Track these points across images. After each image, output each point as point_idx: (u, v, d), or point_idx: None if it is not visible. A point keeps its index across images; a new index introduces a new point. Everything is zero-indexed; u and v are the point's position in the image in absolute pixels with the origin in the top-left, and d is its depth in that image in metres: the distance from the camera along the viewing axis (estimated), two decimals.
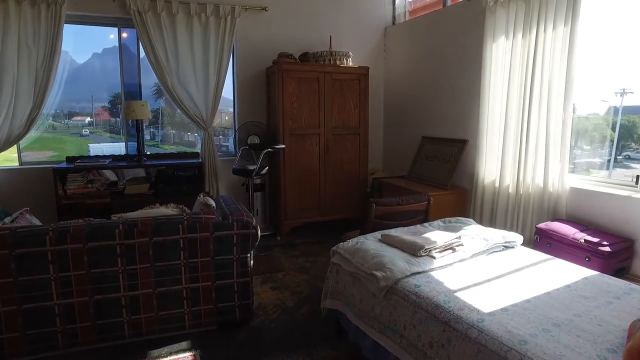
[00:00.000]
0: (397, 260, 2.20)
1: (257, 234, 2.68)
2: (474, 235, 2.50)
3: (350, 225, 4.82)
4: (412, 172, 4.72)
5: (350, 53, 4.85)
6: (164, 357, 2.48)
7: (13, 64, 4.05)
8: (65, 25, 4.19)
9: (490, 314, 1.73)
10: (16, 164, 4.45)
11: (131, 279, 2.52)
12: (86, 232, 2.41)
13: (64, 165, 4.21)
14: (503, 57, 3.62)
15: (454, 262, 2.29)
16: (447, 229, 2.69)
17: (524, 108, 3.46)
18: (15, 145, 4.33)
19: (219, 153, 4.83)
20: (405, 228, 2.72)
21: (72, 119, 4.94)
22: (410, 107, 5.06)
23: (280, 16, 4.95)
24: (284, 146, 4.33)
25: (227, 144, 5.36)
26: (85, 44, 4.59)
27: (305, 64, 4.66)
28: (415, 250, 2.28)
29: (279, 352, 2.53)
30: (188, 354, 2.50)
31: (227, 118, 5.37)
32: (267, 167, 4.35)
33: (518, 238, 2.59)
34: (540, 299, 1.85)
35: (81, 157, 4.38)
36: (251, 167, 3.96)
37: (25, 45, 4.08)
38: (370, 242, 2.50)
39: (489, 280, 2.08)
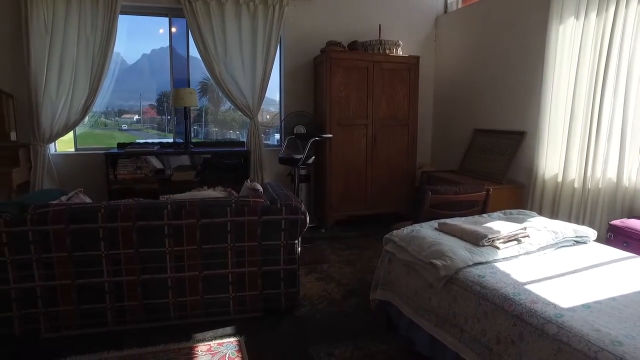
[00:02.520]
0: (458, 249, 2.03)
1: (306, 220, 2.59)
2: (541, 227, 2.29)
3: (397, 220, 4.66)
4: (463, 166, 4.49)
5: (400, 42, 4.69)
6: (208, 340, 2.43)
7: (72, 52, 4.19)
8: (119, 18, 4.28)
9: (570, 309, 1.54)
10: (72, 149, 4.61)
11: (178, 260, 2.50)
12: (136, 211, 2.41)
13: (115, 150, 4.32)
14: (571, 40, 3.34)
15: (519, 254, 2.09)
16: (508, 220, 2.49)
17: (595, 95, 3.17)
18: (72, 132, 4.49)
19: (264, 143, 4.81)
20: (463, 218, 2.54)
21: (122, 116, 5.10)
22: (461, 99, 4.82)
23: (329, 4, 4.86)
24: (331, 135, 4.22)
25: (268, 141, 5.33)
26: (135, 45, 4.73)
27: (354, 52, 4.54)
28: (477, 239, 2.10)
29: (326, 343, 2.42)
30: (232, 339, 2.44)
31: (268, 117, 5.34)
32: (313, 157, 4.26)
33: (591, 233, 2.35)
34: (629, 298, 1.63)
35: (131, 144, 4.48)
36: (298, 157, 3.88)
37: (84, 35, 4.22)
38: (426, 230, 2.34)
39: (562, 275, 1.88)
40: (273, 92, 4.95)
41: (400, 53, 4.67)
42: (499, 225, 2.29)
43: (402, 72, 4.60)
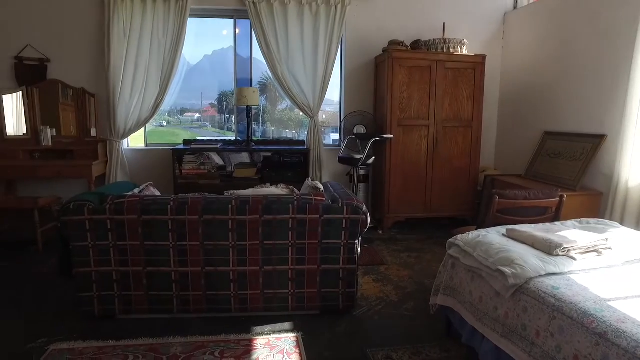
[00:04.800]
0: (529, 258, 1.92)
1: (367, 220, 2.57)
2: (626, 239, 2.10)
3: (457, 224, 4.50)
4: (531, 170, 4.24)
5: (465, 41, 4.52)
6: (267, 334, 2.49)
7: (146, 55, 4.47)
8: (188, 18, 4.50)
9: None
10: (142, 144, 4.91)
11: (240, 254, 2.57)
12: (202, 205, 2.50)
13: (181, 147, 4.53)
14: None
15: (600, 267, 1.93)
16: (585, 230, 2.31)
17: None
18: (143, 128, 4.77)
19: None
20: (533, 225, 2.40)
21: (184, 114, 5.33)
22: (530, 99, 4.56)
23: (392, 3, 4.79)
24: (392, 136, 4.17)
25: (324, 141, 5.34)
26: (198, 47, 4.92)
27: (416, 51, 4.45)
28: (550, 248, 1.97)
29: (384, 345, 2.38)
30: (291, 335, 2.48)
31: (324, 116, 5.36)
32: (373, 157, 4.23)
33: None
34: None
35: (196, 140, 4.67)
36: (357, 157, 3.87)
37: (157, 38, 4.47)
38: (493, 236, 2.24)
39: None
40: (330, 91, 4.96)
41: (465, 52, 4.51)
42: (575, 235, 2.13)
43: (467, 72, 4.44)
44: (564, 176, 3.78)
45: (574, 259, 1.93)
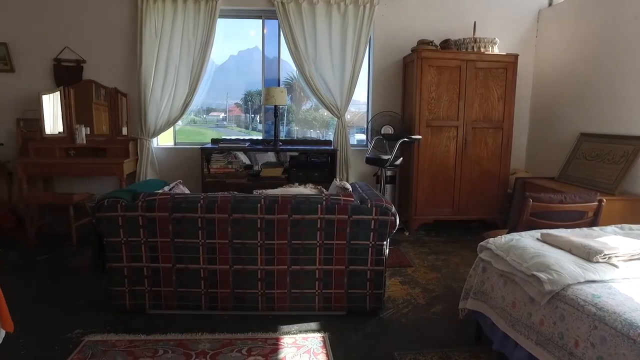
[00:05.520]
0: (566, 263, 1.85)
1: (396, 222, 2.53)
2: None
3: (486, 227, 4.41)
4: (565, 173, 4.11)
5: (497, 40, 4.41)
6: (294, 334, 2.49)
7: (176, 55, 4.55)
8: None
9: None
10: (171, 143, 5.00)
11: (268, 253, 2.58)
12: (232, 204, 2.52)
13: (210, 145, 4.60)
14: None
15: None
16: (628, 236, 2.21)
17: None
18: (172, 127, 4.87)
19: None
20: (569, 230, 2.31)
21: (209, 114, 5.41)
22: (565, 100, 4.41)
23: (421, 3, 4.73)
24: (420, 137, 4.11)
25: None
26: (224, 47, 4.96)
27: (446, 51, 4.37)
28: (589, 254, 1.90)
29: (412, 348, 2.35)
30: (317, 335, 2.47)
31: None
32: (401, 158, 4.18)
33: None
34: None
35: (223, 140, 4.73)
36: (385, 157, 3.83)
37: (187, 39, 4.55)
38: (527, 240, 2.17)
39: None
40: (355, 91, 4.93)
41: (496, 51, 4.40)
42: (616, 241, 2.04)
43: (498, 72, 4.34)
44: (602, 179, 3.65)
45: (616, 266, 1.85)
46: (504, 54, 4.38)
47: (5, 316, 2.24)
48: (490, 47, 4.37)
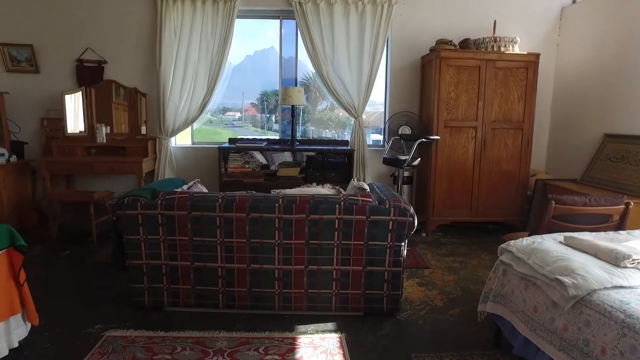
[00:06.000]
0: (592, 268, 1.80)
1: (414, 223, 2.51)
2: None
3: (505, 229, 4.34)
4: (588, 175, 4.02)
5: (518, 39, 4.34)
6: (311, 333, 2.48)
7: (195, 55, 4.59)
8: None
9: None
10: (189, 142, 5.05)
11: (285, 253, 2.58)
12: (250, 203, 2.53)
13: (227, 145, 4.63)
14: None
15: None
16: None
17: None
18: (190, 127, 4.91)
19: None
20: (594, 233, 2.26)
21: (225, 113, 5.44)
22: (589, 100, 4.31)
23: (439, 2, 4.68)
24: (438, 137, 4.07)
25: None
26: (240, 48, 4.97)
27: (465, 51, 4.32)
28: (617, 259, 1.85)
29: (429, 351, 2.32)
30: (334, 335, 2.46)
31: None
32: (419, 159, 4.14)
33: None
34: None
35: (241, 139, 4.75)
36: (403, 158, 3.80)
37: (205, 39, 4.59)
38: (550, 243, 2.13)
39: None
40: (372, 91, 4.91)
41: (516, 50, 4.33)
42: None
43: (518, 71, 4.26)
44: (628, 182, 3.55)
45: None
46: (525, 53, 4.30)
47: (31, 310, 2.31)
48: (510, 47, 4.30)
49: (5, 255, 2.18)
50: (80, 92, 4.57)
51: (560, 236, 2.23)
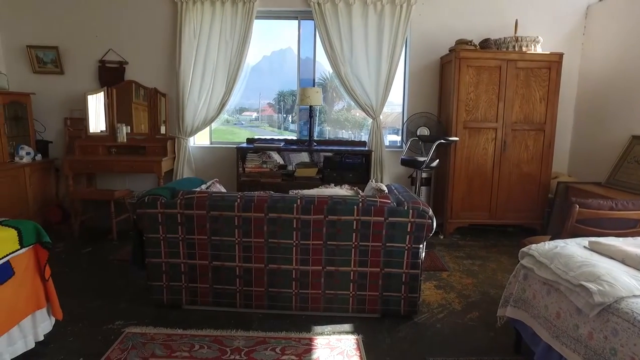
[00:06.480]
0: (619, 274, 1.75)
1: (433, 225, 2.49)
2: None
3: (524, 232, 4.27)
4: (613, 178, 3.91)
5: (540, 38, 4.25)
6: (327, 335, 2.48)
7: (214, 56, 4.63)
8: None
9: None
10: (207, 142, 5.10)
11: (303, 253, 2.58)
12: (268, 204, 2.54)
13: (245, 145, 4.65)
14: None
15: None
16: None
17: None
18: (208, 127, 4.96)
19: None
20: (621, 238, 2.20)
21: (242, 114, 5.46)
22: (615, 101, 4.20)
23: (459, 1, 4.61)
24: (457, 139, 4.02)
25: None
26: (257, 48, 4.98)
27: (485, 51, 4.25)
28: None
29: (447, 355, 2.30)
30: (351, 337, 2.45)
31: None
32: (437, 160, 4.09)
33: None
34: None
35: (259, 139, 4.77)
36: (421, 159, 3.76)
37: (224, 40, 4.62)
38: (574, 248, 2.07)
39: None
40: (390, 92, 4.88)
41: (539, 50, 4.24)
42: None
43: (541, 71, 4.18)
44: None
45: None
46: (548, 52, 4.21)
47: (56, 304, 2.37)
48: (532, 46, 4.22)
49: (32, 251, 2.24)
50: (102, 93, 4.66)
51: (584, 241, 2.17)
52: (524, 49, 4.19)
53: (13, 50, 4.71)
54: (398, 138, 5.07)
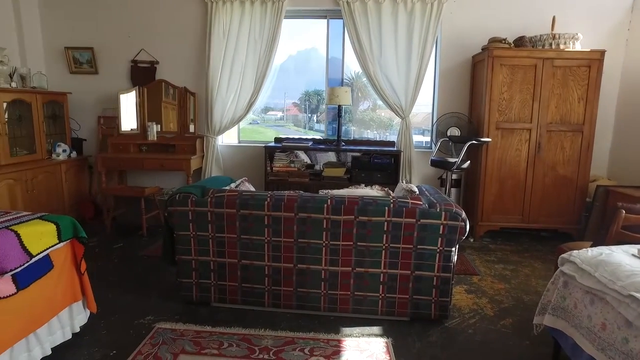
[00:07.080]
0: None
1: (466, 227, 2.42)
2: None
3: (559, 237, 4.12)
4: None
5: (579, 35, 4.08)
6: (356, 337, 2.44)
7: (242, 55, 4.65)
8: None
9: None
10: (235, 141, 5.14)
11: (333, 254, 2.55)
12: (298, 203, 2.52)
13: (273, 144, 4.66)
14: None
15: None
16: None
17: None
18: (236, 126, 4.99)
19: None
20: None
21: (267, 113, 5.47)
22: None
23: None
24: (489, 140, 3.91)
25: None
26: (283, 47, 4.94)
27: (520, 49, 4.11)
28: None
29: None
30: (380, 340, 2.41)
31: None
32: (468, 161, 3.99)
33: None
34: None
35: (287, 139, 4.77)
36: (452, 160, 3.68)
37: (253, 39, 4.63)
38: (621, 256, 1.97)
39: None
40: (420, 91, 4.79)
41: (577, 47, 4.08)
42: None
43: (580, 70, 4.01)
44: None
45: None
46: (588, 50, 4.04)
47: (90, 298, 2.42)
48: (571, 44, 4.05)
49: (70, 245, 2.29)
50: (134, 92, 4.75)
51: (633, 248, 2.06)
52: (561, 46, 4.04)
53: (53, 52, 4.88)
54: (424, 139, 4.98)
